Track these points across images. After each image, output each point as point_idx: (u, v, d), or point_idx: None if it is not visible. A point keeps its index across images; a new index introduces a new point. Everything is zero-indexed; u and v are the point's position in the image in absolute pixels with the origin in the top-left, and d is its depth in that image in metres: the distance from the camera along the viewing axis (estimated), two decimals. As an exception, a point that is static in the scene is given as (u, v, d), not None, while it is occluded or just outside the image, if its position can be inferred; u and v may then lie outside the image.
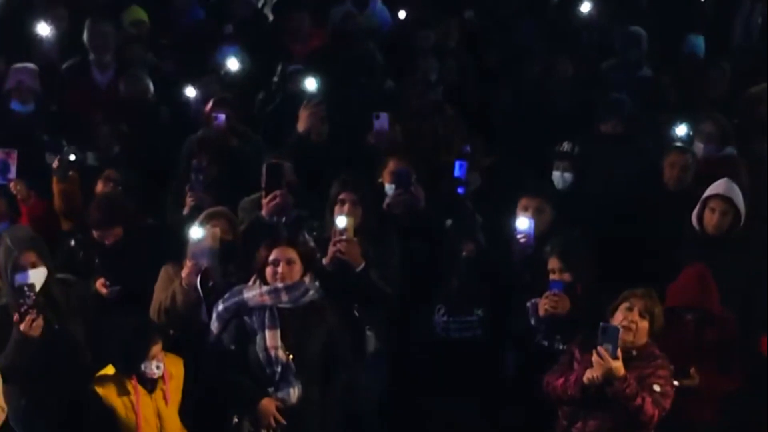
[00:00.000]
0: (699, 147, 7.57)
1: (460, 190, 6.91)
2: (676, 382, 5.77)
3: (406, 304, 6.22)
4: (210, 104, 7.64)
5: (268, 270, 5.67)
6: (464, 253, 6.17)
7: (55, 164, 6.82)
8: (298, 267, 5.68)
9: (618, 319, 5.56)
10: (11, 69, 8.00)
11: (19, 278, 5.64)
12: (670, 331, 5.87)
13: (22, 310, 5.47)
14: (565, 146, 7.05)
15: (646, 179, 7.25)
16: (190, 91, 8.10)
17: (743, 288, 6.37)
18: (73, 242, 6.47)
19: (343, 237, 5.99)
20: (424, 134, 7.97)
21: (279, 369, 5.59)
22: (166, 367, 5.58)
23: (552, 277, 6.05)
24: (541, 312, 5.91)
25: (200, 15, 9.83)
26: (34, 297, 5.50)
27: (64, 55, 8.60)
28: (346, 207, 6.19)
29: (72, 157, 6.80)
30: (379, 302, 6.14)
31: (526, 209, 6.45)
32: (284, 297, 5.63)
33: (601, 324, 5.37)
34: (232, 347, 5.65)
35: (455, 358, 6.14)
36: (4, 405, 5.42)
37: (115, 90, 8.12)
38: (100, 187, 6.89)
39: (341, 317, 5.92)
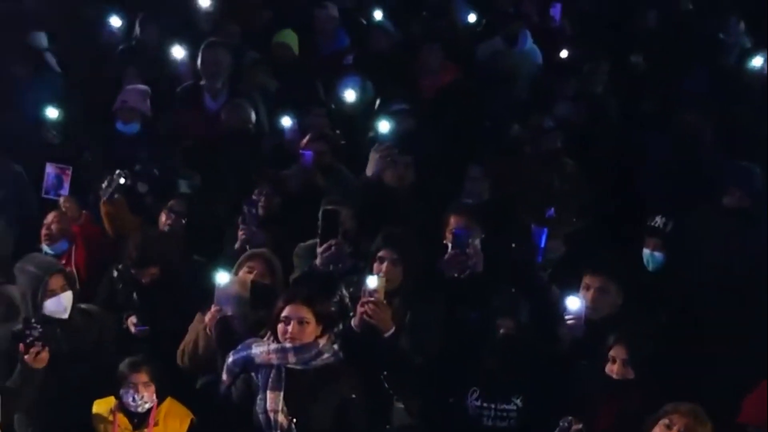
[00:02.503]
0: None
1: (537, 258, 6.25)
2: None
3: (439, 379, 5.64)
4: (306, 138, 7.36)
5: (280, 327, 5.29)
6: (501, 331, 5.53)
7: (104, 184, 6.70)
8: (311, 327, 5.27)
9: (654, 437, 4.80)
10: (123, 89, 8.03)
11: (50, 304, 5.59)
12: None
13: (27, 341, 5.34)
14: (658, 221, 6.18)
15: (762, 267, 6.28)
16: (290, 122, 7.79)
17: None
18: (115, 273, 6.35)
19: (372, 299, 5.51)
20: (537, 186, 7.37)
21: (278, 434, 5.22)
22: (160, 413, 5.40)
23: (609, 368, 5.31)
24: None
25: (345, 42, 9.60)
26: (40, 329, 5.36)
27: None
28: (384, 266, 5.70)
29: (122, 181, 6.66)
30: (407, 372, 5.58)
31: (587, 288, 5.72)
32: (291, 358, 5.24)
33: None
34: (238, 403, 5.31)
35: (488, 448, 5.50)
36: None
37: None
38: (162, 218, 6.75)
39: (363, 385, 5.43)
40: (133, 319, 6.08)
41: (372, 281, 5.52)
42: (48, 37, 9.52)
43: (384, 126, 7.35)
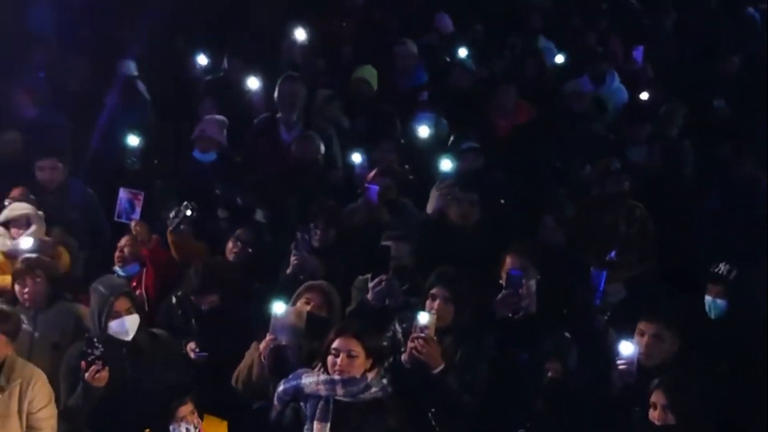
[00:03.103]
0: None
1: (596, 301, 6.22)
2: None
3: (487, 419, 5.62)
4: (373, 172, 7.46)
5: (329, 359, 5.34)
6: (549, 374, 5.51)
7: (171, 214, 6.89)
8: (360, 361, 5.31)
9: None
10: (202, 119, 8.26)
11: (114, 325, 5.79)
12: None
13: (89, 359, 5.56)
14: (722, 268, 6.07)
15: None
16: (360, 158, 7.92)
17: None
18: (174, 300, 6.50)
19: (422, 335, 5.53)
20: (602, 229, 7.30)
21: (323, 464, 5.28)
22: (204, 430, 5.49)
23: (652, 414, 5.22)
24: None
25: (423, 79, 9.70)
26: (102, 348, 5.57)
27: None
28: (436, 303, 5.73)
29: (188, 212, 6.84)
30: (454, 410, 5.57)
31: (642, 334, 5.63)
32: (339, 390, 5.29)
33: None
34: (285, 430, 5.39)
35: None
36: None
37: (293, 149, 8.11)
38: (229, 246, 6.89)
39: (410, 420, 5.43)
40: (192, 345, 6.22)
41: (423, 317, 5.56)
42: (137, 65, 9.89)
43: (446, 164, 7.42)
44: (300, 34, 10.22)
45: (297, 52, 10.14)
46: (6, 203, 7.05)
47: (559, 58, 10.51)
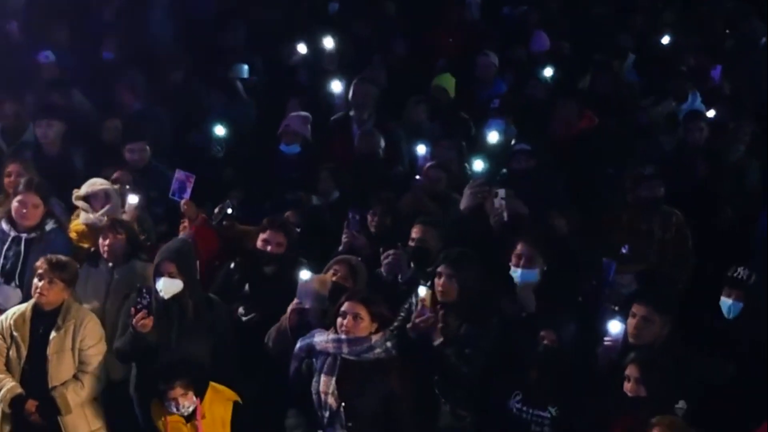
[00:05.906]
0: None
1: (603, 290, 6.63)
2: None
3: (486, 384, 6.06)
4: (428, 165, 8.05)
5: (338, 320, 5.99)
6: (545, 341, 5.95)
7: (216, 210, 7.45)
8: (365, 323, 5.94)
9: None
10: (287, 116, 9.03)
11: (157, 284, 6.38)
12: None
13: (137, 307, 6.25)
14: (740, 272, 6.30)
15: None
16: (425, 149, 8.46)
17: None
18: (232, 265, 7.02)
19: (420, 307, 6.05)
20: (637, 234, 7.65)
21: (327, 414, 5.90)
22: (205, 406, 6.04)
23: (625, 386, 5.67)
24: None
25: (501, 89, 10.22)
26: (149, 299, 6.25)
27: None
28: (441, 280, 6.22)
29: (229, 210, 7.39)
30: (453, 378, 6.09)
31: (634, 316, 6.04)
32: (345, 348, 5.92)
33: None
34: (300, 383, 6.04)
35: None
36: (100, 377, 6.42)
37: (360, 144, 8.76)
38: None
39: (413, 383, 6.01)
40: (241, 310, 6.76)
41: (421, 290, 6.09)
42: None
43: (478, 165, 7.98)
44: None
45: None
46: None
47: None
